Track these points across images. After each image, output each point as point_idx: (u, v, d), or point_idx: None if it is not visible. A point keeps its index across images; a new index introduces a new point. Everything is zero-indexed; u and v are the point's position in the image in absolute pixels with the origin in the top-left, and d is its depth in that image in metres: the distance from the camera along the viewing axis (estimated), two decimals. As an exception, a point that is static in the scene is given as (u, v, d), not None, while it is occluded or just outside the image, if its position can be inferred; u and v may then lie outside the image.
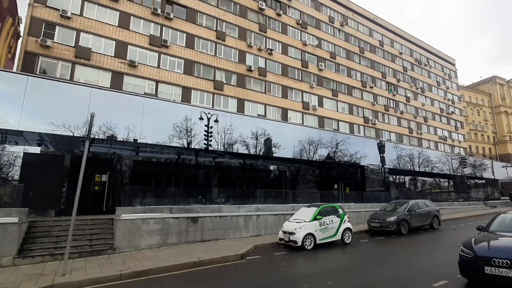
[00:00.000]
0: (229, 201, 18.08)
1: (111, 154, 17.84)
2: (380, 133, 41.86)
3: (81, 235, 11.53)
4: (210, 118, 17.71)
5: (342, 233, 13.32)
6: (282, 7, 35.42)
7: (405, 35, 52.09)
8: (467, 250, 6.69)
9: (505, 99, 72.55)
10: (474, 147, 64.39)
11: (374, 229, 16.16)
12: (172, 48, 26.60)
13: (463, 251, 6.82)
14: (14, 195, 13.48)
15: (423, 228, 17.38)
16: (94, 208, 15.31)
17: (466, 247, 6.82)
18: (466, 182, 39.32)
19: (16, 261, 9.73)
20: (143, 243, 12.11)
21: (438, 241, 14.11)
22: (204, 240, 13.69)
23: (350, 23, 43.37)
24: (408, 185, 32.86)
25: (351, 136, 26.93)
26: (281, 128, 22.17)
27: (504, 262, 5.90)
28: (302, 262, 10.52)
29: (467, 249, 6.74)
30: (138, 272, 8.73)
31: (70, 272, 8.52)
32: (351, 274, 8.82)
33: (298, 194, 22.46)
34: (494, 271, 6.01)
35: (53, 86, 14.31)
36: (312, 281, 7.99)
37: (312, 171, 26.47)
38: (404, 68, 49.60)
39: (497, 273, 5.96)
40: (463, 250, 6.82)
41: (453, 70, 61.58)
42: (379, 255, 11.43)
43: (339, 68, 39.83)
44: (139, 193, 16.23)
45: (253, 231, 15.41)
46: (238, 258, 10.67)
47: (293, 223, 12.81)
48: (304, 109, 34.28)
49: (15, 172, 14.22)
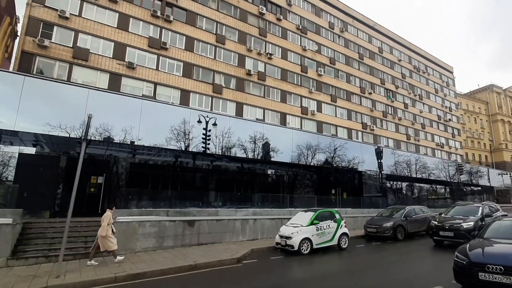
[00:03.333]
0: (226, 204, 17.99)
1: (107, 156, 17.76)
2: (378, 139, 42.05)
3: (76, 237, 11.49)
4: (209, 121, 17.75)
5: (339, 238, 13.34)
6: (282, 12, 35.65)
7: (404, 42, 52.63)
8: (462, 256, 6.73)
9: (501, 107, 73.39)
10: (471, 154, 65.02)
11: (371, 234, 16.22)
12: (171, 51, 26.63)
13: (457, 257, 6.85)
14: (8, 196, 13.44)
15: (419, 234, 17.45)
16: (90, 210, 15.23)
17: (461, 253, 6.86)
18: (462, 189, 39.36)
19: (9, 263, 9.67)
20: (139, 245, 12.04)
21: (433, 247, 14.03)
22: (201, 243, 13.63)
23: (350, 29, 43.73)
24: (405, 191, 32.94)
25: (349, 142, 27.09)
26: (279, 132, 22.24)
27: (498, 268, 5.94)
28: (298, 267, 10.53)
29: (461, 255, 6.78)
30: (133, 275, 8.68)
31: (64, 274, 8.46)
32: (347, 279, 8.87)
33: (296, 198, 22.35)
34: (488, 277, 6.05)
35: (50, 87, 14.29)
36: (308, 285, 8.01)
37: (310, 176, 26.51)
38: (403, 75, 50.03)
39: (491, 279, 6.01)
40: (458, 256, 6.85)
41: (451, 78, 62.22)
42: (375, 260, 11.51)
43: (338, 74, 40.08)
44: (135, 196, 16.18)
45: (250, 235, 15.35)
46: (234, 262, 10.63)
47: (290, 227, 12.81)
48: (303, 113, 34.41)
49: (9, 173, 14.20)
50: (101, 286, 8.00)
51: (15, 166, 14.25)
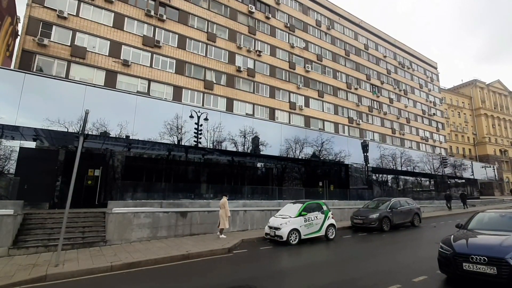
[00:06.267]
0: (218, 196, 18.03)
1: (104, 149, 18.15)
2: (364, 133, 42.91)
3: (74, 227, 11.70)
4: (200, 116, 18.03)
5: (326, 229, 13.54)
6: (271, 10, 36.31)
7: (389, 39, 53.52)
8: (446, 247, 6.80)
9: (485, 102, 74.82)
10: (455, 147, 66.33)
11: (357, 225, 16.36)
12: (164, 49, 27.20)
13: (442, 248, 6.93)
14: (9, 188, 13.74)
15: (404, 225, 17.56)
16: (87, 201, 15.63)
17: (445, 244, 6.93)
18: (447, 182, 40.09)
19: (11, 252, 9.91)
20: (134, 236, 12.28)
21: (418, 238, 14.27)
22: (193, 234, 13.84)
23: (336, 27, 44.50)
24: (390, 183, 33.20)
25: (336, 136, 27.24)
26: (268, 127, 22.29)
27: (481, 259, 6.02)
28: (287, 257, 10.64)
29: (446, 246, 6.84)
30: (128, 264, 8.85)
31: (63, 263, 8.66)
32: (334, 268, 8.95)
33: (284, 190, 22.76)
34: (472, 267, 6.14)
35: (49, 84, 14.52)
36: (296, 274, 8.11)
37: (298, 169, 26.78)
38: (388, 70, 50.94)
39: (475, 269, 6.09)
40: (443, 247, 6.93)
41: (435, 73, 63.34)
42: (361, 251, 11.47)
43: (325, 70, 40.85)
44: (130, 188, 16.56)
45: (240, 226, 15.60)
46: (225, 251, 10.80)
47: (279, 218, 12.98)
48: (291, 109, 35.12)
49: (11, 166, 14.50)
50: (98, 274, 8.17)
51: (16, 160, 14.58)
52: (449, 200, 29.44)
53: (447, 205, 29.35)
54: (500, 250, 6.05)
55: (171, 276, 8.27)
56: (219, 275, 8.22)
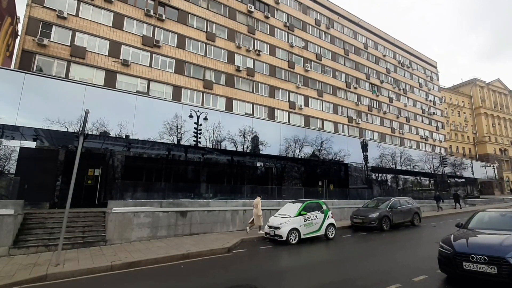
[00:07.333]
0: (217, 196, 18.43)
1: (103, 149, 18.18)
2: (363, 132, 42.91)
3: (74, 227, 11.74)
4: (200, 116, 18.02)
5: (326, 229, 13.54)
6: (270, 10, 36.32)
7: (389, 38, 53.49)
8: (447, 246, 6.78)
9: (485, 101, 74.66)
10: (455, 147, 66.22)
11: (357, 225, 16.33)
12: (163, 48, 27.23)
13: (442, 247, 6.91)
14: (10, 188, 13.73)
15: (404, 225, 17.52)
16: (87, 201, 15.68)
17: (446, 243, 6.90)
18: (447, 181, 39.99)
19: (11, 251, 9.94)
20: (134, 235, 12.31)
21: (418, 237, 14.22)
22: (193, 233, 13.86)
23: (335, 26, 44.49)
24: (390, 183, 33.10)
25: (335, 135, 27.12)
26: (267, 126, 22.24)
27: (482, 258, 6.01)
28: (286, 256, 10.65)
29: (446, 245, 6.82)
30: (128, 264, 8.86)
31: (63, 262, 8.68)
32: (334, 267, 8.94)
33: (284, 190, 22.75)
34: (472, 266, 6.12)
35: (49, 84, 14.52)
36: (296, 273, 8.14)
37: (297, 168, 26.75)
38: (388, 70, 50.92)
39: (475, 268, 6.07)
40: (443, 246, 6.91)
41: (435, 73, 63.27)
42: (361, 250, 11.45)
43: (324, 69, 40.85)
44: (130, 188, 16.57)
45: (240, 225, 15.57)
46: (225, 251, 10.81)
47: (279, 218, 12.99)
48: (290, 108, 35.15)
49: (11, 166, 14.47)
50: (98, 274, 8.18)
51: (17, 160, 14.55)
52: (438, 200, 28.64)
53: (437, 206, 28.62)
54: (501, 250, 6.04)
55: (171, 275, 8.27)
56: (219, 275, 8.22)
